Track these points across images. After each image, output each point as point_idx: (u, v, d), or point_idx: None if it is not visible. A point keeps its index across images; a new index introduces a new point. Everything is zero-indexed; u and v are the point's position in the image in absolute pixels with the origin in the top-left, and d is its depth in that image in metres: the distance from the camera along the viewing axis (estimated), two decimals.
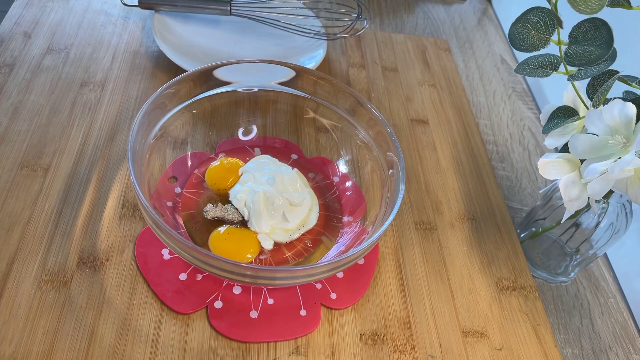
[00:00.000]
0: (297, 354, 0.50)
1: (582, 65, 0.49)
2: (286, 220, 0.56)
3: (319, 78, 0.62)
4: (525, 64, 0.53)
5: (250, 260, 0.54)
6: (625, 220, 0.57)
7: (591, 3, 0.45)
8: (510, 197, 0.71)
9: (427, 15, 0.98)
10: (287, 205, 0.56)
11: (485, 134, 0.78)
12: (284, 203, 0.55)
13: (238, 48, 0.78)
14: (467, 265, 0.61)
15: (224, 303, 0.52)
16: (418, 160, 0.71)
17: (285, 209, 0.56)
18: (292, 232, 0.57)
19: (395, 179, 0.54)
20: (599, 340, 0.60)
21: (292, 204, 0.56)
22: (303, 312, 0.52)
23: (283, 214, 0.56)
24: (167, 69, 0.73)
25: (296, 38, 0.81)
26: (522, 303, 0.59)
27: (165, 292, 0.51)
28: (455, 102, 0.81)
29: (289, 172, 0.58)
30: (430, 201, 0.66)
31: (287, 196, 0.56)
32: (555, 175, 0.50)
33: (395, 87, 0.80)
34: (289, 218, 0.56)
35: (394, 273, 0.58)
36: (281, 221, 0.56)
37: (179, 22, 0.78)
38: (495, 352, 0.54)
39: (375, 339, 0.53)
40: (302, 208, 0.57)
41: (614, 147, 0.46)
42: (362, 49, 0.85)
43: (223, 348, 0.49)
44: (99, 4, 0.80)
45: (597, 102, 0.47)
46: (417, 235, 0.62)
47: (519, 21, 0.52)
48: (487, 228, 0.65)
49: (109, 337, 0.48)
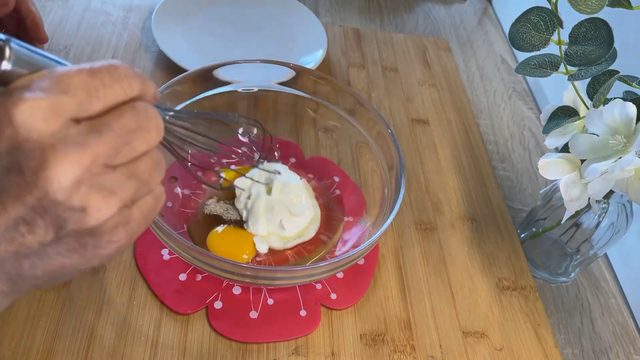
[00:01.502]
0: (297, 354, 0.50)
1: (582, 65, 0.49)
2: (282, 228, 0.55)
3: (319, 78, 0.62)
4: (526, 64, 0.52)
5: (247, 261, 0.54)
6: (626, 220, 0.57)
7: (591, 3, 0.45)
8: (510, 197, 0.71)
9: (427, 15, 0.98)
10: (287, 213, 0.55)
11: (485, 134, 0.78)
12: (283, 210, 0.55)
13: (238, 48, 0.78)
14: (468, 266, 0.61)
15: (224, 303, 0.52)
16: (418, 160, 0.70)
17: (283, 216, 0.55)
18: (287, 241, 0.56)
19: (395, 179, 0.54)
20: (599, 340, 0.60)
21: (291, 212, 0.56)
22: (303, 312, 0.52)
23: (280, 221, 0.55)
24: (167, 69, 0.73)
25: (296, 38, 0.81)
26: (523, 303, 0.59)
27: (165, 292, 0.51)
28: (456, 102, 0.81)
29: (296, 181, 0.58)
30: (431, 201, 0.66)
31: (287, 204, 0.55)
32: (556, 175, 0.50)
33: (396, 87, 0.80)
34: (286, 226, 0.55)
35: (394, 273, 0.58)
36: (278, 228, 0.55)
37: (179, 22, 0.78)
38: (495, 352, 0.54)
39: (375, 340, 0.53)
40: (301, 219, 0.57)
41: (615, 147, 0.46)
42: (362, 49, 0.85)
43: (223, 348, 0.49)
44: (99, 3, 0.80)
45: (598, 102, 0.47)
46: (417, 236, 0.62)
47: (519, 21, 0.52)
48: (487, 228, 0.65)
49: (108, 337, 0.48)
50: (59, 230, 0.26)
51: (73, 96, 0.26)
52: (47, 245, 0.26)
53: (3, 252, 0.26)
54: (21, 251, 0.26)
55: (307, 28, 0.82)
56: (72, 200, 0.25)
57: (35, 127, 0.24)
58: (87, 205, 0.26)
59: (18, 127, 0.24)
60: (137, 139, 0.27)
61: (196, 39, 0.77)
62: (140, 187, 0.28)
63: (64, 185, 0.25)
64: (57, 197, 0.25)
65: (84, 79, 0.26)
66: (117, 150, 0.26)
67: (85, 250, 0.27)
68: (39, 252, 0.27)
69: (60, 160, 0.24)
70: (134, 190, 0.28)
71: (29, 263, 0.27)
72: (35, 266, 0.27)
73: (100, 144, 0.26)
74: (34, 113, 0.24)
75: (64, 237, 0.26)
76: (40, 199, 0.25)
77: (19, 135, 0.24)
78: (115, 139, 0.26)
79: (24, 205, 0.25)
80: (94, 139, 0.26)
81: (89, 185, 0.26)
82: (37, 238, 0.26)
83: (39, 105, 0.25)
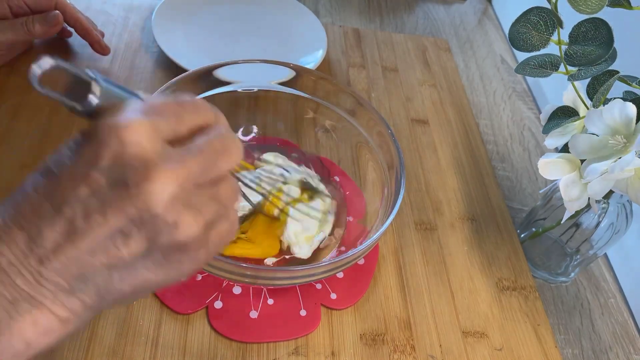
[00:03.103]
0: (297, 354, 0.50)
1: (582, 65, 0.49)
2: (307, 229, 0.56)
3: (319, 78, 0.62)
4: (526, 64, 0.52)
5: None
6: (626, 220, 0.57)
7: (591, 3, 0.45)
8: (510, 197, 0.71)
9: (427, 15, 0.98)
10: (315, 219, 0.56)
11: (485, 134, 0.78)
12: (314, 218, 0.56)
13: (238, 48, 0.78)
14: (467, 266, 0.61)
15: (224, 303, 0.52)
16: (418, 160, 0.71)
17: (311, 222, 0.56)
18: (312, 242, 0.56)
19: (395, 179, 0.54)
20: (599, 340, 0.60)
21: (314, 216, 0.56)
22: (303, 312, 0.52)
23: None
24: (167, 69, 0.73)
25: (296, 38, 0.81)
26: (523, 303, 0.59)
27: (165, 292, 0.51)
28: (456, 102, 0.81)
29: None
30: (431, 201, 0.66)
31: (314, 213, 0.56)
32: (556, 175, 0.50)
33: (395, 87, 0.80)
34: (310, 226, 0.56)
35: (394, 273, 0.58)
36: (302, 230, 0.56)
37: (179, 22, 0.78)
38: (495, 352, 0.54)
39: (375, 339, 0.53)
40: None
41: (614, 147, 0.46)
42: (362, 49, 0.85)
43: (223, 348, 0.49)
44: (99, 4, 0.80)
45: (598, 102, 0.47)
46: (417, 236, 0.62)
47: (519, 21, 0.52)
48: (487, 228, 0.65)
49: (109, 337, 0.48)
50: (151, 244, 0.28)
51: (167, 120, 0.28)
52: (137, 258, 0.28)
53: (98, 264, 0.28)
54: (113, 263, 0.28)
55: (307, 28, 0.82)
56: (168, 215, 0.27)
57: (141, 144, 0.27)
58: (180, 220, 0.28)
59: (127, 145, 0.26)
60: (222, 160, 0.30)
61: (196, 39, 0.77)
62: (220, 210, 0.30)
63: (164, 198, 0.27)
64: (156, 210, 0.27)
65: (172, 106, 0.29)
66: (206, 169, 0.29)
67: (170, 266, 0.29)
68: (129, 265, 0.28)
69: (162, 175, 0.27)
70: (215, 213, 0.30)
71: (119, 276, 0.28)
72: (123, 280, 0.29)
73: (193, 163, 0.28)
74: (140, 132, 0.27)
75: (154, 252, 0.28)
76: (141, 211, 0.27)
77: (126, 154, 0.26)
78: (205, 159, 0.29)
79: (125, 216, 0.27)
80: (188, 157, 0.28)
81: (182, 203, 0.28)
82: (131, 250, 0.28)
83: (144, 125, 0.27)
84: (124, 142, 0.26)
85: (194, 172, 0.28)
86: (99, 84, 0.28)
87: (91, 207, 0.27)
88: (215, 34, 0.79)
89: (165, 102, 0.29)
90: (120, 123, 0.27)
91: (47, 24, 0.64)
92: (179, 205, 0.27)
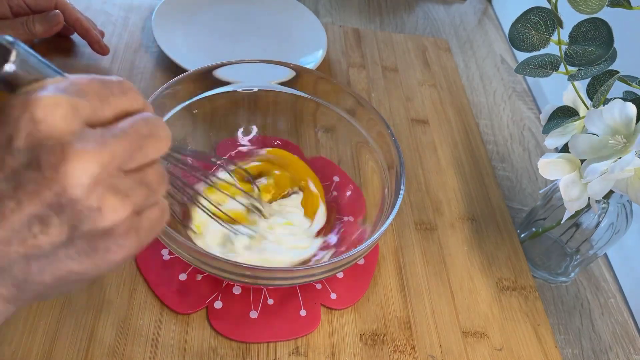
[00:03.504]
0: (297, 354, 0.50)
1: (582, 65, 0.49)
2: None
3: (319, 78, 0.62)
4: (526, 64, 0.52)
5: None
6: (626, 220, 0.57)
7: (591, 3, 0.45)
8: (510, 197, 0.71)
9: (427, 15, 0.98)
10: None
11: (485, 134, 0.78)
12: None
13: (238, 48, 0.78)
14: (467, 266, 0.61)
15: (224, 303, 0.52)
16: (418, 160, 0.71)
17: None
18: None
19: (395, 179, 0.54)
20: (599, 340, 0.60)
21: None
22: (303, 312, 0.52)
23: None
24: (167, 69, 0.73)
25: (296, 38, 0.81)
26: (523, 303, 0.59)
27: (165, 292, 0.51)
28: (456, 102, 0.81)
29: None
30: (431, 201, 0.66)
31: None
32: (556, 175, 0.50)
33: (395, 87, 0.80)
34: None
35: (394, 273, 0.58)
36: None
37: (179, 22, 0.78)
38: (495, 352, 0.54)
39: (375, 340, 0.53)
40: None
41: (614, 147, 0.46)
42: (362, 49, 0.85)
43: (223, 348, 0.49)
44: (99, 4, 0.80)
45: (598, 102, 0.47)
46: (417, 236, 0.62)
47: (519, 21, 0.52)
48: (487, 228, 0.65)
49: (109, 338, 0.48)
50: (72, 231, 0.26)
51: (88, 100, 0.27)
52: (58, 247, 0.26)
53: (13, 254, 0.26)
54: (32, 253, 0.26)
55: (307, 28, 0.82)
56: (89, 199, 0.25)
57: (55, 123, 0.25)
58: (103, 205, 0.26)
59: (39, 123, 0.25)
60: (149, 145, 0.28)
61: (196, 39, 0.77)
62: (149, 196, 0.29)
63: (83, 181, 0.25)
64: (75, 193, 0.25)
65: (97, 86, 0.27)
66: (131, 154, 0.27)
67: (96, 254, 0.27)
68: (50, 254, 0.26)
69: (80, 156, 0.25)
70: (144, 198, 0.28)
71: (38, 267, 0.26)
72: (44, 271, 0.27)
73: (116, 145, 0.26)
74: (55, 110, 0.25)
75: (77, 239, 0.26)
76: (58, 195, 0.25)
77: (40, 132, 0.25)
78: (130, 142, 0.27)
79: (41, 201, 0.25)
80: (111, 139, 0.26)
81: (105, 186, 0.26)
82: (50, 238, 0.26)
83: (59, 102, 0.25)
84: (35, 120, 0.25)
85: (118, 155, 0.26)
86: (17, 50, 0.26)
87: (3, 193, 0.25)
88: (215, 34, 0.79)
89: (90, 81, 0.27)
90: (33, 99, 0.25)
91: (47, 24, 0.64)
92: (101, 189, 0.26)
